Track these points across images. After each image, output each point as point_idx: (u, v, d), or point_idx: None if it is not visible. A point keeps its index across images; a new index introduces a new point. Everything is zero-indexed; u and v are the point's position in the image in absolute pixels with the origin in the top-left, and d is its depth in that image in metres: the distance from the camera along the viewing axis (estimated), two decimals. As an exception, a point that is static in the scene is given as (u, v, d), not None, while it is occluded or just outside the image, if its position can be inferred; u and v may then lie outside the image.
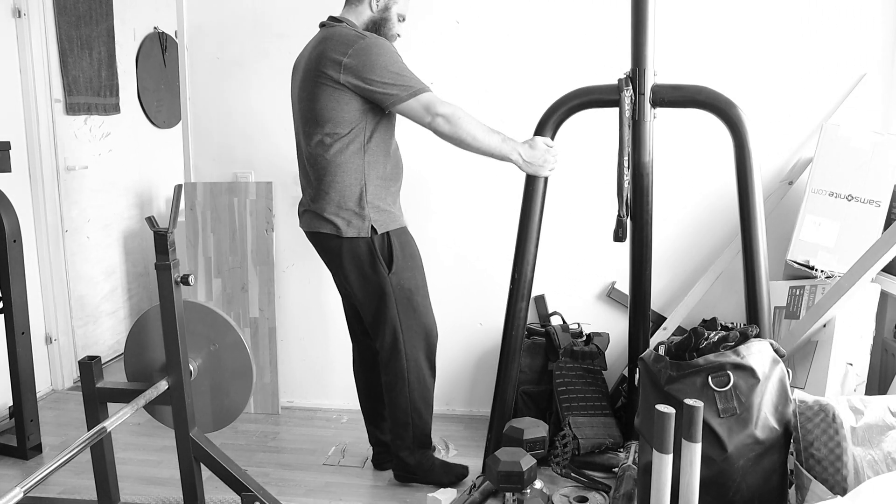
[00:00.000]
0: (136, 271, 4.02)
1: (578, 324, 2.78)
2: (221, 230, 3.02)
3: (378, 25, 2.26)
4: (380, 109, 2.19)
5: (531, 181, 2.30)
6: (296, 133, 2.33)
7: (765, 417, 1.77)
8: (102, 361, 2.10)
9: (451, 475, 2.41)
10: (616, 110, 2.21)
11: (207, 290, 3.04)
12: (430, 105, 2.13)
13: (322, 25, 2.28)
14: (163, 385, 1.96)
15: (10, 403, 2.72)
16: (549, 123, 2.27)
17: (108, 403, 2.02)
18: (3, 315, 2.62)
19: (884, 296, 2.46)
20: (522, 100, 2.77)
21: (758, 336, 1.90)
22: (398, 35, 2.32)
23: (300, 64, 2.27)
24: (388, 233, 2.24)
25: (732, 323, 2.04)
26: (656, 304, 2.82)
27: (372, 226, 2.21)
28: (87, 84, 3.51)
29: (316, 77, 2.15)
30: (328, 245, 2.27)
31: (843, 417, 1.72)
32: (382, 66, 2.11)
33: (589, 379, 2.60)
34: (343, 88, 2.13)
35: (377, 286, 2.26)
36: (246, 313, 3.03)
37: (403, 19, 2.32)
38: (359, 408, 3.08)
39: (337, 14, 2.28)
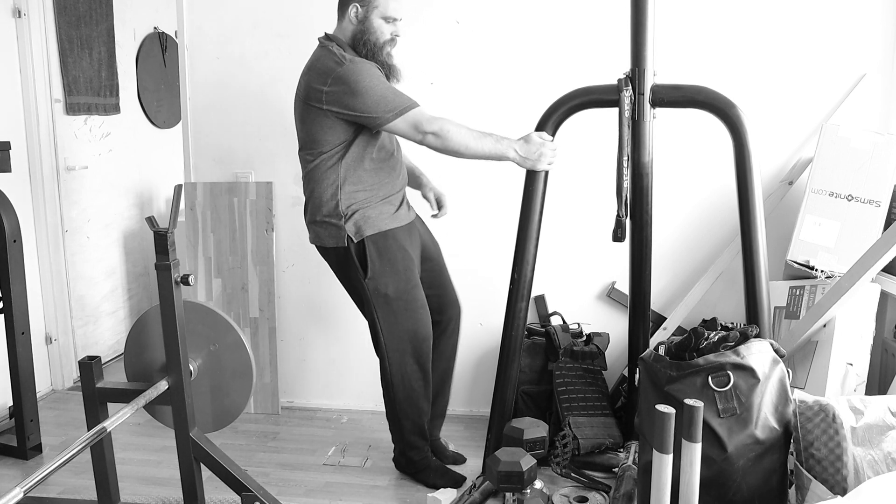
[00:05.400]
0: (136, 271, 4.02)
1: (578, 324, 2.78)
2: (221, 230, 3.02)
3: (362, 35, 2.25)
4: (368, 127, 2.23)
5: (531, 180, 2.30)
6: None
7: (765, 417, 1.77)
8: (102, 361, 2.09)
9: (446, 479, 2.42)
10: (616, 110, 2.21)
11: (207, 290, 3.04)
12: (418, 123, 2.17)
13: (319, 40, 2.31)
14: (163, 385, 1.96)
15: (10, 403, 2.73)
16: (549, 123, 2.27)
17: (108, 403, 2.02)
18: (3, 315, 2.62)
19: (884, 296, 2.46)
20: (522, 100, 2.77)
21: (758, 336, 1.90)
22: (394, 36, 2.29)
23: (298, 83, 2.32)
24: (363, 240, 2.27)
25: (732, 323, 2.04)
26: (656, 304, 2.82)
27: (348, 235, 2.27)
28: (87, 84, 3.51)
29: (305, 101, 2.24)
30: (322, 253, 2.40)
31: (843, 417, 1.72)
32: (363, 91, 2.15)
33: (589, 379, 2.60)
34: (329, 114, 2.20)
35: (357, 292, 2.37)
36: (246, 313, 3.03)
37: (393, 20, 2.27)
38: (359, 407, 3.11)
39: (331, 23, 2.32)
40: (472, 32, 2.83)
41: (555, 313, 2.89)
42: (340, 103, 2.16)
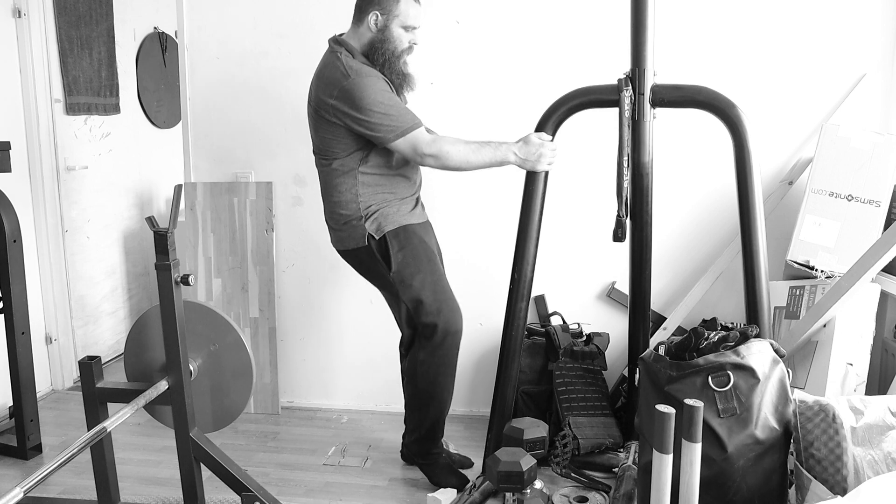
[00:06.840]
0: (136, 271, 4.01)
1: (578, 324, 2.78)
2: (221, 230, 3.02)
3: (380, 44, 2.24)
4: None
5: (531, 181, 2.30)
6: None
7: (765, 417, 1.77)
8: (102, 361, 2.09)
9: (452, 479, 2.41)
10: (616, 110, 2.21)
11: (207, 290, 3.04)
12: (417, 147, 2.19)
13: (329, 42, 2.30)
14: (163, 385, 1.96)
15: (10, 403, 2.72)
16: (549, 123, 2.27)
17: (108, 403, 2.02)
18: (3, 315, 2.62)
19: (884, 296, 2.46)
20: (522, 100, 2.77)
21: (758, 336, 1.90)
22: (412, 45, 2.29)
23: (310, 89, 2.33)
24: (384, 235, 2.28)
25: (732, 323, 2.04)
26: (656, 304, 2.82)
27: (369, 233, 2.28)
28: (87, 84, 3.51)
29: (316, 110, 2.25)
30: (344, 256, 2.41)
31: (843, 417, 1.72)
32: (367, 107, 2.15)
33: (589, 379, 2.60)
34: (338, 126, 2.21)
35: (388, 288, 2.38)
36: (246, 313, 3.03)
37: (412, 29, 2.27)
38: (359, 408, 3.11)
39: (336, 25, 2.33)
40: (472, 32, 2.83)
41: (555, 313, 2.89)
42: (347, 116, 2.17)
